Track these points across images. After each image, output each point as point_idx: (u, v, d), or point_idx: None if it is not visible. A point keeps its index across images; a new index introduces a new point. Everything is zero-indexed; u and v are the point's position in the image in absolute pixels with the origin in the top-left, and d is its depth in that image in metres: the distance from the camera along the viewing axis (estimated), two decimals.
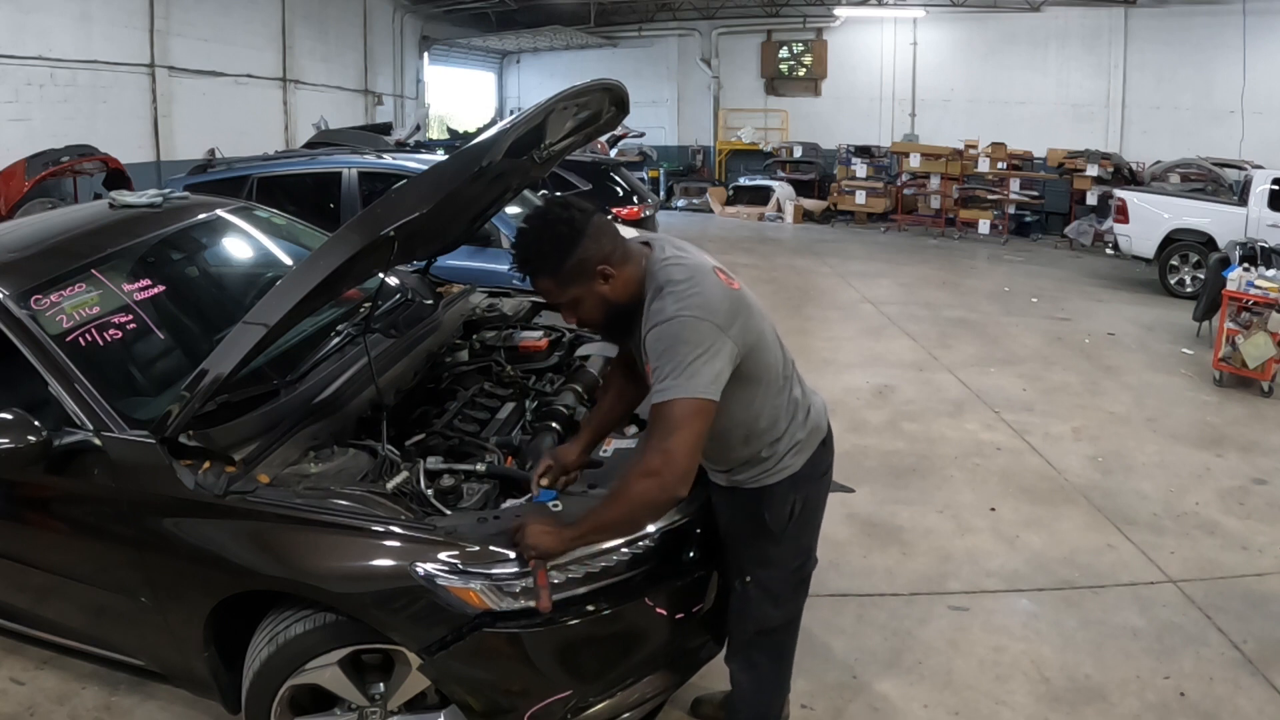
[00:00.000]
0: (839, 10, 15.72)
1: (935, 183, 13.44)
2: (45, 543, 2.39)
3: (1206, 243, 9.01)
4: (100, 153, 8.83)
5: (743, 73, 17.48)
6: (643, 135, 15.31)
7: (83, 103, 9.79)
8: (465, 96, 19.77)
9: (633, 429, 2.59)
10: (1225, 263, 6.98)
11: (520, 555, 1.92)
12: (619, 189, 8.61)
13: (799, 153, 15.93)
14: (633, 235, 2.10)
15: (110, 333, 2.46)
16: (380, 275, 2.75)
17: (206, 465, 2.13)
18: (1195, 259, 9.17)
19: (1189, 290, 8.95)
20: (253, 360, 2.22)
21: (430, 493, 2.17)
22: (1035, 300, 8.83)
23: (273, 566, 2.04)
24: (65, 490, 2.25)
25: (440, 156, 6.29)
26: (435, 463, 2.30)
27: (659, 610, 2.11)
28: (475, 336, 3.22)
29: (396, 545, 1.98)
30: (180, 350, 2.68)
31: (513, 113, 14.52)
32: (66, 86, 9.61)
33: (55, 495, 2.29)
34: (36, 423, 2.10)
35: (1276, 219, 8.72)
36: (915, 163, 13.43)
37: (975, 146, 13.24)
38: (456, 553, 1.94)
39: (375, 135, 9.99)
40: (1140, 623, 3.25)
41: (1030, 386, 6.01)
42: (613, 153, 13.58)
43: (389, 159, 6.22)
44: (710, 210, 15.63)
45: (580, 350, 3.15)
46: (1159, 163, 11.93)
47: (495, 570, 1.93)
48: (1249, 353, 5.82)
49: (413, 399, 2.76)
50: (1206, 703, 2.82)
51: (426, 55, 17.11)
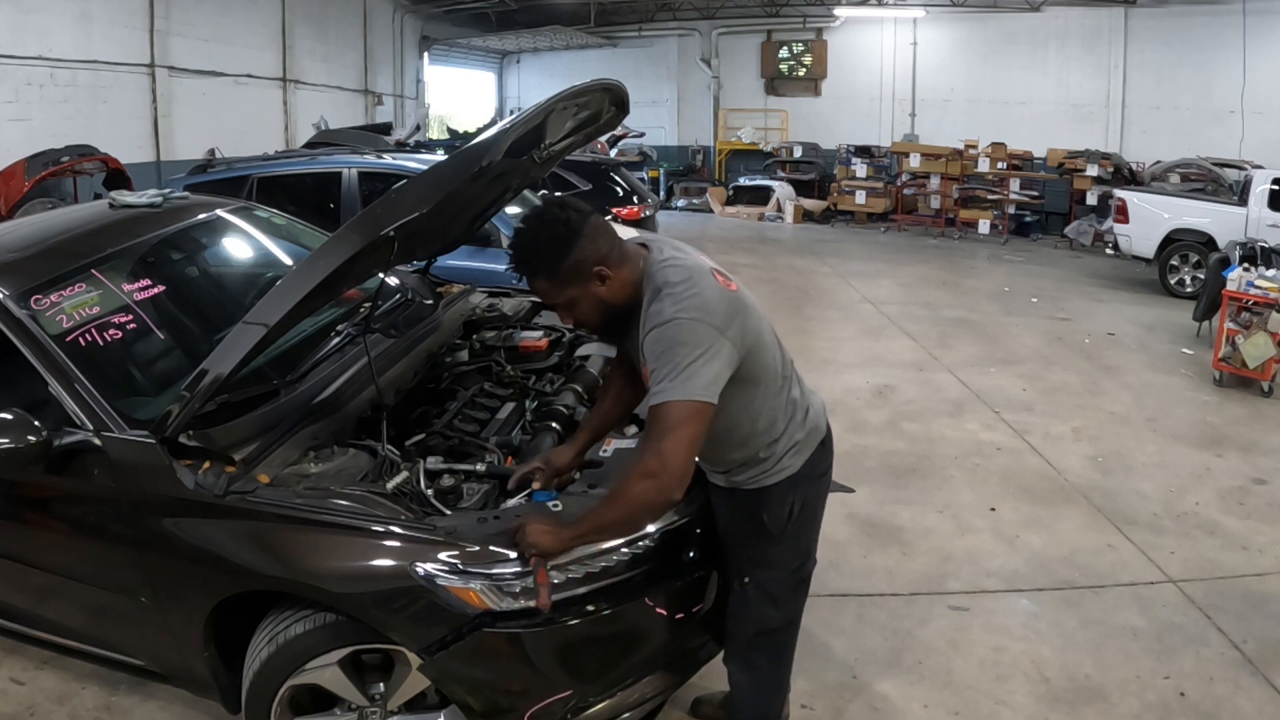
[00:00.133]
0: (839, 10, 15.72)
1: (935, 183, 13.44)
2: (45, 543, 2.39)
3: (1206, 243, 9.01)
4: (100, 153, 8.83)
5: (743, 73, 17.48)
6: (643, 135, 15.30)
7: (83, 103, 9.79)
8: (465, 96, 19.77)
9: (633, 429, 2.59)
10: (1225, 263, 6.98)
11: (521, 555, 1.92)
12: (619, 189, 8.60)
13: (799, 153, 15.93)
14: (631, 236, 2.10)
15: (110, 333, 2.45)
16: (380, 275, 2.75)
17: (206, 465, 2.13)
18: (1195, 259, 9.17)
19: (1189, 290, 8.95)
20: (253, 360, 2.22)
21: (430, 493, 2.17)
22: (1035, 300, 8.83)
23: (273, 566, 2.05)
24: (65, 490, 2.25)
25: (440, 156, 6.29)
26: (435, 463, 2.30)
27: (659, 610, 2.11)
28: (475, 336, 3.22)
29: (396, 545, 1.98)
30: (180, 350, 2.68)
31: (513, 113, 14.51)
32: (66, 86, 9.61)
33: (55, 495, 2.29)
34: (36, 423, 2.10)
35: (1276, 219, 8.72)
36: (915, 163, 13.43)
37: (975, 146, 13.24)
38: (456, 553, 1.94)
39: (375, 135, 9.99)
40: (1140, 623, 3.25)
41: (1030, 386, 6.01)
42: (613, 153, 13.57)
43: (389, 159, 6.22)
44: (710, 210, 15.62)
45: (580, 350, 3.15)
46: (1159, 163, 11.92)
47: (495, 570, 1.93)
48: (1249, 353, 5.82)
49: (413, 399, 2.76)
50: (1206, 703, 2.82)
51: (426, 55, 17.11)
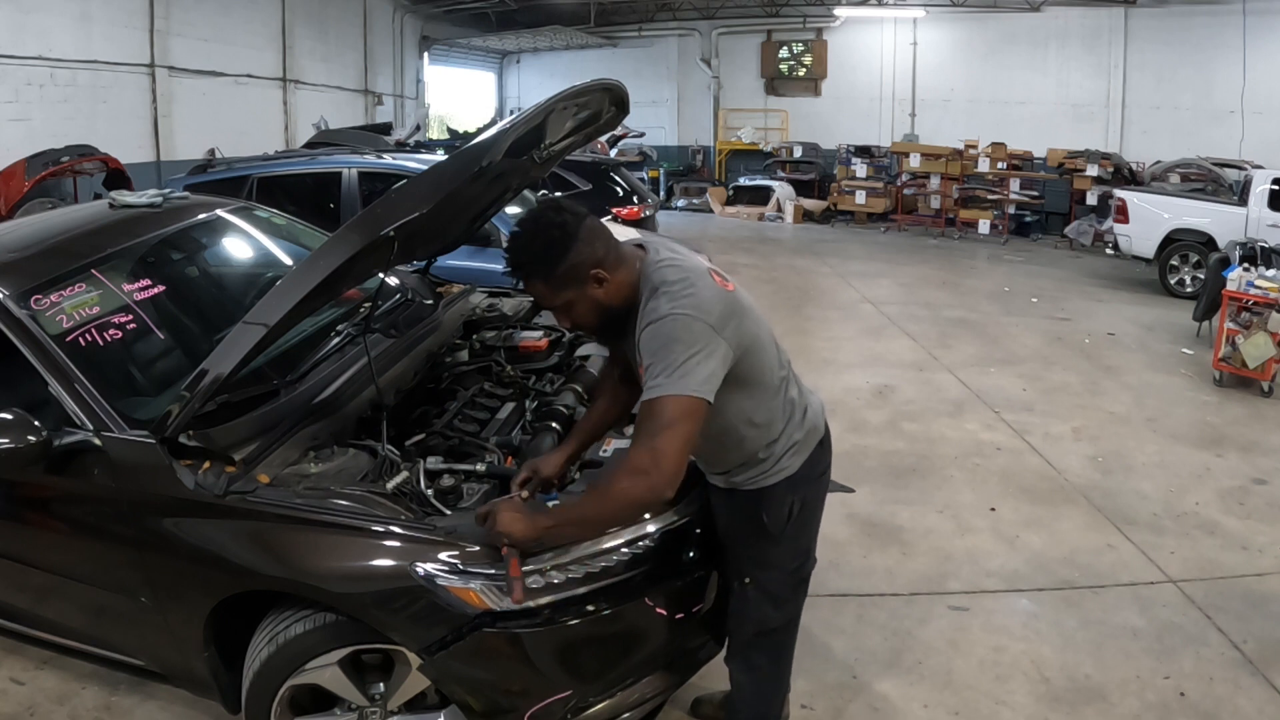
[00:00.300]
0: (839, 10, 15.72)
1: (935, 183, 13.44)
2: (45, 543, 2.39)
3: (1206, 243, 9.01)
4: (100, 153, 8.83)
5: (743, 73, 17.47)
6: (643, 135, 15.30)
7: (83, 103, 9.79)
8: (465, 96, 19.76)
9: (632, 429, 2.59)
10: (1225, 263, 6.98)
11: (494, 545, 1.89)
12: (619, 189, 8.60)
13: (799, 153, 15.92)
14: (627, 238, 2.10)
15: (110, 333, 2.45)
16: (380, 275, 2.75)
17: (206, 465, 2.13)
18: (1195, 259, 9.17)
19: (1189, 290, 8.95)
20: (253, 360, 2.21)
21: (430, 493, 2.17)
22: (1035, 300, 8.83)
23: (273, 566, 2.05)
24: (65, 490, 2.25)
25: (440, 156, 6.29)
26: (435, 463, 2.30)
27: (659, 610, 2.11)
28: (475, 336, 3.22)
29: (396, 545, 1.98)
30: (180, 350, 2.68)
31: (513, 113, 14.51)
32: (66, 86, 9.61)
33: (55, 495, 2.29)
34: (36, 423, 2.10)
35: (1276, 219, 8.72)
36: (915, 163, 13.43)
37: (975, 146, 13.23)
38: (456, 553, 1.94)
39: (375, 135, 9.99)
40: (1140, 623, 3.25)
41: (1030, 386, 6.01)
42: (613, 153, 13.57)
43: (389, 159, 6.22)
44: (710, 210, 15.62)
45: (580, 350, 3.15)
46: (1159, 163, 11.92)
47: (495, 570, 1.93)
48: (1249, 353, 5.82)
49: (413, 399, 2.76)
50: (1206, 703, 2.82)
51: (426, 55, 17.11)
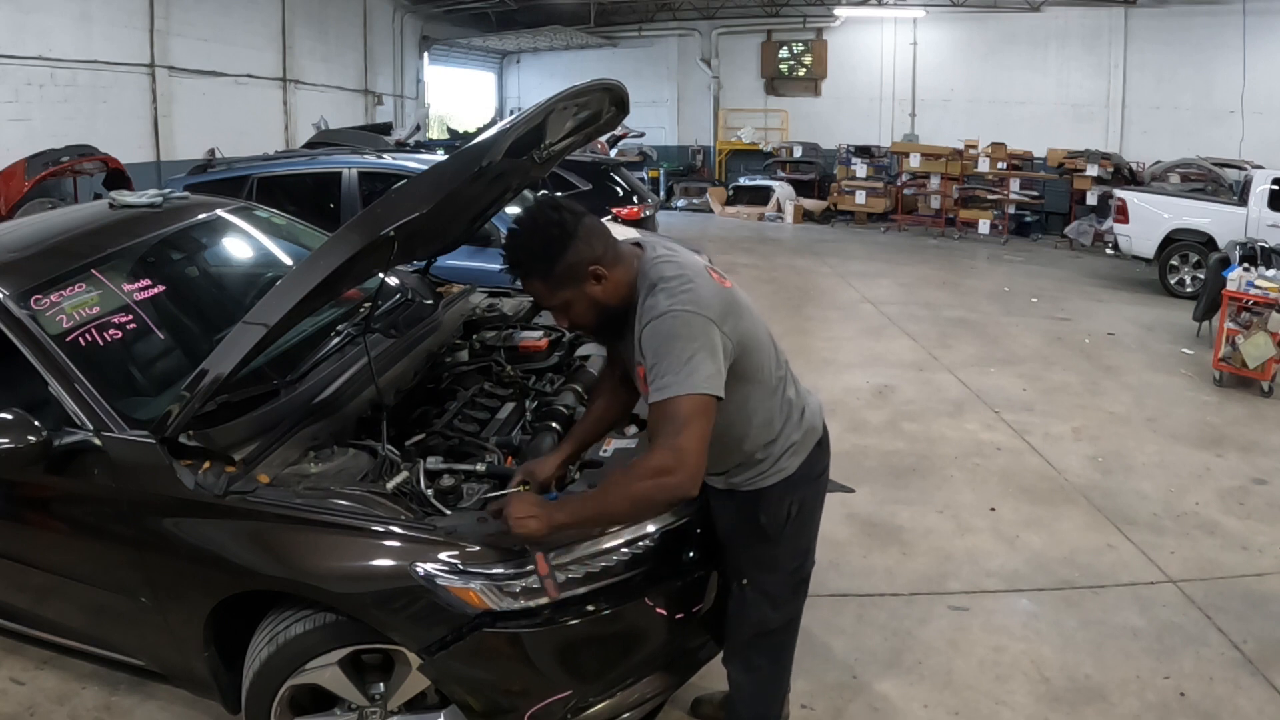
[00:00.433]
0: (839, 10, 15.72)
1: (935, 183, 13.43)
2: (45, 543, 2.39)
3: (1206, 243, 9.01)
4: (100, 153, 8.83)
5: (743, 73, 17.47)
6: (643, 135, 15.29)
7: (83, 103, 9.79)
8: (465, 96, 19.76)
9: (632, 429, 2.59)
10: (1225, 263, 6.98)
11: (504, 542, 1.90)
12: (619, 189, 8.60)
13: (799, 153, 15.92)
14: (625, 237, 2.10)
15: (110, 333, 2.45)
16: (380, 275, 2.75)
17: (206, 465, 2.13)
18: (1195, 259, 9.17)
19: (1189, 290, 8.95)
20: (253, 360, 2.22)
21: (430, 493, 2.17)
22: (1035, 300, 8.83)
23: (273, 566, 2.05)
24: (65, 490, 2.25)
25: (440, 156, 6.28)
26: (435, 463, 2.30)
27: (659, 610, 2.11)
28: (475, 336, 3.22)
29: (396, 545, 1.98)
30: (180, 350, 2.68)
31: (513, 113, 14.51)
32: (66, 86, 9.60)
33: (55, 495, 2.29)
34: (36, 423, 2.10)
35: (1276, 219, 8.72)
36: (915, 163, 13.43)
37: (975, 146, 13.23)
38: (456, 553, 1.94)
39: (375, 135, 9.99)
40: (1140, 623, 3.25)
41: (1030, 386, 6.01)
42: (613, 153, 13.57)
43: (389, 159, 6.22)
44: (710, 210, 15.61)
45: (580, 350, 3.15)
46: (1159, 163, 11.92)
47: (495, 570, 1.93)
48: (1249, 353, 5.82)
49: (413, 399, 2.76)
50: (1206, 703, 2.82)
51: (426, 55, 17.11)
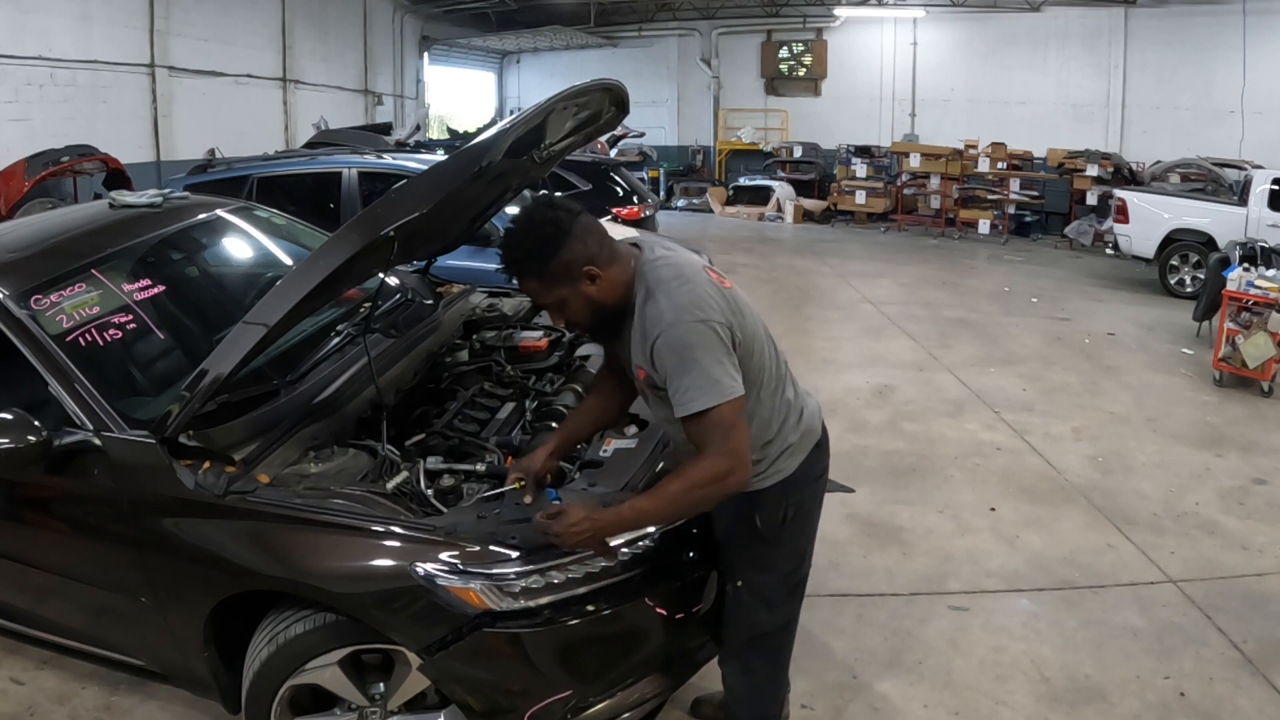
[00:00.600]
0: (839, 10, 15.71)
1: (935, 183, 13.43)
2: (45, 543, 2.39)
3: (1206, 243, 9.01)
4: (100, 153, 8.83)
5: (743, 73, 17.46)
6: (643, 135, 15.28)
7: (83, 103, 9.78)
8: (465, 96, 19.76)
9: (632, 429, 2.59)
10: (1225, 263, 6.98)
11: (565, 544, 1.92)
12: (619, 189, 8.60)
13: (799, 153, 15.91)
14: (623, 236, 2.09)
15: (110, 333, 2.46)
16: (380, 275, 2.75)
17: (206, 465, 2.13)
18: (1195, 259, 9.16)
19: (1189, 290, 8.94)
20: (253, 360, 2.22)
21: (430, 493, 2.18)
22: (1035, 300, 8.83)
23: (273, 566, 2.05)
24: (65, 490, 2.25)
25: (440, 156, 6.28)
26: (435, 463, 2.30)
27: (659, 610, 2.11)
28: (475, 336, 3.22)
29: (396, 545, 1.98)
30: (180, 350, 2.68)
31: (513, 113, 14.51)
32: (66, 86, 9.60)
33: (55, 495, 2.29)
34: (36, 423, 2.10)
35: (1276, 219, 8.71)
36: (915, 163, 13.42)
37: (975, 146, 13.22)
38: (456, 553, 1.94)
39: (375, 135, 9.99)
40: (1140, 623, 3.25)
41: (1030, 386, 6.01)
42: (613, 153, 13.56)
43: (389, 159, 6.22)
44: (710, 210, 15.61)
45: (580, 350, 3.15)
46: (1159, 163, 11.91)
47: (495, 570, 1.93)
48: (1249, 353, 5.82)
49: (413, 399, 2.76)
50: (1206, 703, 2.82)
51: (426, 55, 17.10)
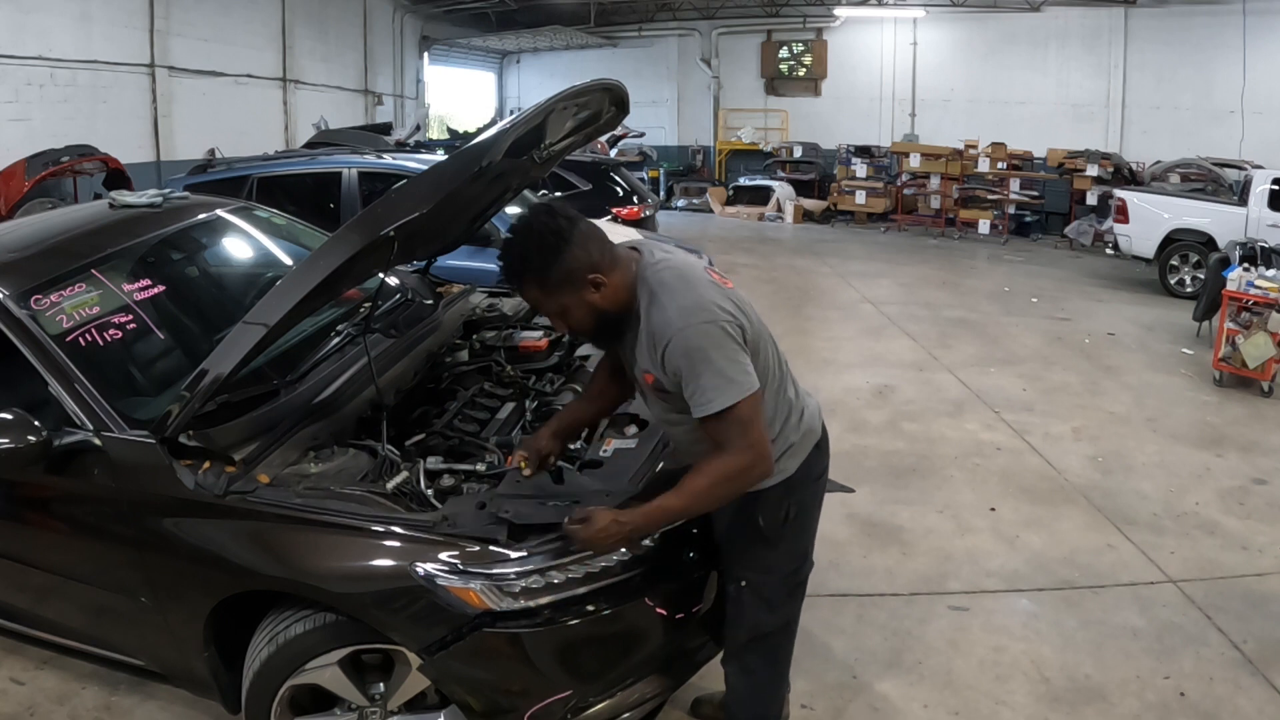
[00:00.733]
0: (839, 10, 15.71)
1: (935, 183, 13.43)
2: (45, 543, 2.39)
3: (1206, 243, 9.01)
4: (100, 153, 8.83)
5: (743, 73, 17.47)
6: (643, 135, 15.28)
7: (83, 103, 9.78)
8: (465, 96, 19.76)
9: (632, 429, 2.59)
10: (1225, 263, 6.98)
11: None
12: (619, 189, 8.60)
13: (799, 153, 15.91)
14: (624, 238, 2.09)
15: (110, 333, 2.45)
16: (380, 275, 2.75)
17: (206, 465, 2.13)
18: (1195, 259, 9.16)
19: (1189, 290, 8.94)
20: (253, 360, 2.22)
21: (430, 493, 2.17)
22: (1035, 300, 8.83)
23: (273, 566, 2.05)
24: (65, 490, 2.25)
25: (440, 156, 6.28)
26: (435, 463, 2.30)
27: (659, 610, 2.12)
28: (475, 336, 3.22)
29: (396, 545, 1.98)
30: (180, 350, 2.68)
31: (513, 113, 14.51)
32: (66, 86, 9.60)
33: (55, 495, 2.29)
34: (36, 423, 2.10)
35: (1276, 219, 8.71)
36: (915, 163, 13.42)
37: (975, 146, 13.23)
38: (456, 553, 1.94)
39: (375, 135, 9.99)
40: (1140, 623, 3.25)
41: (1030, 386, 6.01)
42: (613, 153, 13.57)
43: (389, 159, 6.22)
44: (710, 210, 15.61)
45: (580, 350, 3.15)
46: (1159, 163, 11.92)
47: (495, 570, 1.93)
48: (1249, 353, 5.82)
49: (413, 399, 2.76)
50: (1206, 703, 2.82)
51: (426, 55, 17.10)
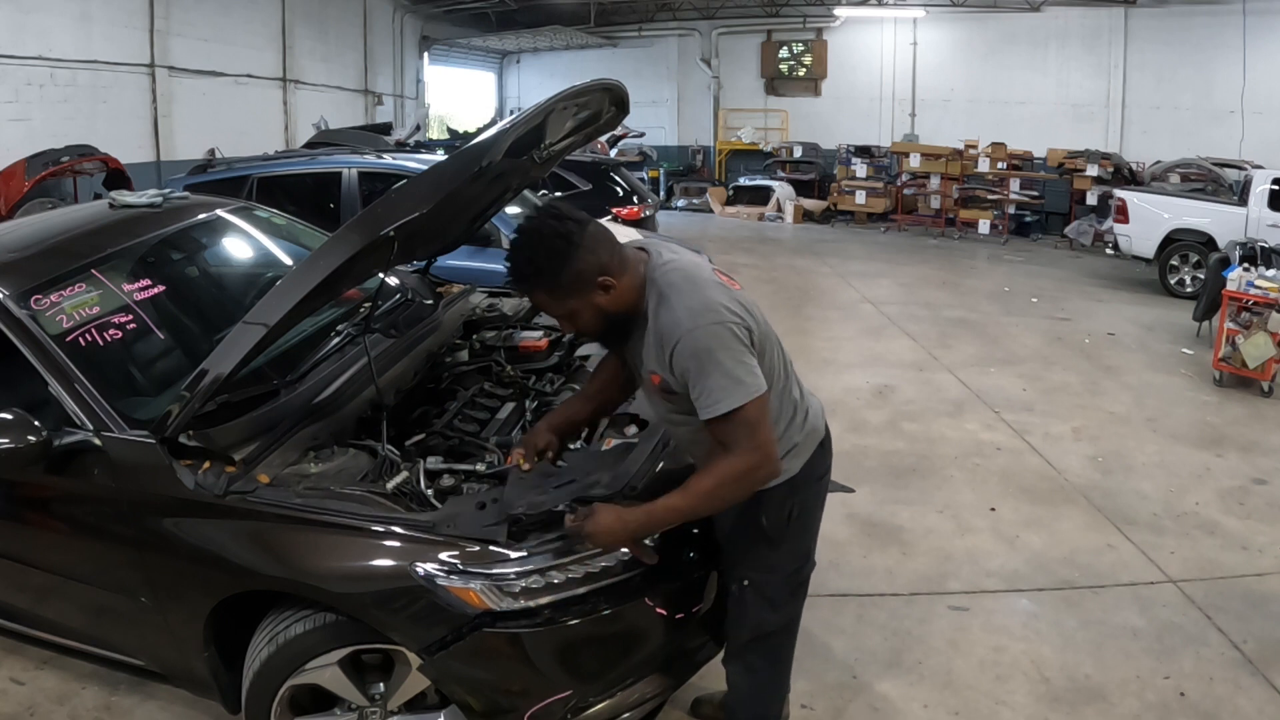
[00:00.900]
0: (839, 10, 15.71)
1: (935, 183, 13.43)
2: (45, 543, 2.39)
3: (1206, 243, 9.01)
4: (100, 153, 8.83)
5: (743, 73, 17.47)
6: (643, 135, 15.29)
7: (83, 103, 9.78)
8: (465, 96, 19.76)
9: (632, 428, 2.59)
10: (1225, 263, 6.98)
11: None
12: (619, 189, 8.60)
13: (799, 153, 15.91)
14: (628, 238, 2.09)
15: (110, 333, 2.45)
16: (380, 275, 2.75)
17: (206, 465, 2.13)
18: (1195, 259, 9.17)
19: (1189, 290, 8.94)
20: (253, 360, 2.22)
21: (430, 493, 2.17)
22: (1035, 300, 8.83)
23: (273, 566, 2.05)
24: (65, 490, 2.25)
25: (440, 156, 6.29)
26: (435, 463, 2.30)
27: (659, 610, 2.11)
28: (475, 336, 3.22)
29: (396, 545, 1.98)
30: (180, 350, 2.68)
31: (513, 113, 14.51)
32: (66, 86, 9.60)
33: (55, 495, 2.29)
34: (36, 423, 2.10)
35: (1276, 219, 8.71)
36: (915, 163, 13.42)
37: (975, 146, 13.23)
38: (456, 553, 1.94)
39: (375, 135, 9.99)
40: (1140, 623, 3.25)
41: (1030, 386, 6.01)
42: (613, 153, 13.57)
43: (389, 159, 6.22)
44: (710, 210, 15.61)
45: (580, 350, 3.15)
46: (1159, 163, 11.92)
47: (495, 570, 1.93)
48: (1249, 353, 5.82)
49: (413, 399, 2.76)
50: (1206, 703, 2.82)
51: (426, 55, 17.10)
